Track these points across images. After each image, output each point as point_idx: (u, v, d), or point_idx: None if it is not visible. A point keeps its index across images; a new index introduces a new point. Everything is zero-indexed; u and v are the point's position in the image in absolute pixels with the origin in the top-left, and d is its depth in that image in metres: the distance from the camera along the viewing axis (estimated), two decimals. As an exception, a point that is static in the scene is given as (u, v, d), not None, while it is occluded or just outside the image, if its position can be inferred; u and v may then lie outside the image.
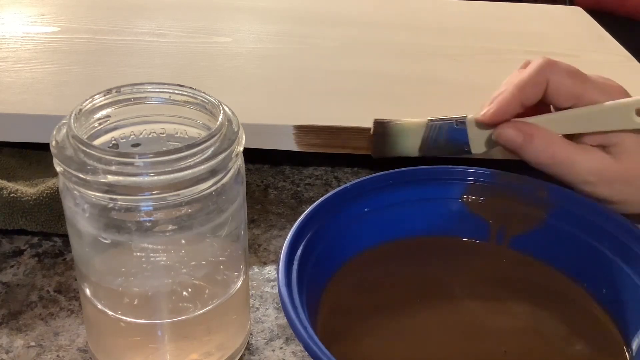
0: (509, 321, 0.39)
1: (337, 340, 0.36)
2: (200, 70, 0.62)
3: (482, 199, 0.44)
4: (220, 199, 0.33)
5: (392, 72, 0.64)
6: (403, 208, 0.43)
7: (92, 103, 0.33)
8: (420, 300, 0.39)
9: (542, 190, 0.43)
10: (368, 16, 0.79)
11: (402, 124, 0.48)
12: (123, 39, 0.68)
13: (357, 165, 0.57)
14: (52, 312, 0.41)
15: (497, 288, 0.41)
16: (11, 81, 0.57)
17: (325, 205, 0.40)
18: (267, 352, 0.39)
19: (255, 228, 0.49)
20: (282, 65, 0.65)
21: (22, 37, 0.66)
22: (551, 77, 0.43)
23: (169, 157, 0.30)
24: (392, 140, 0.48)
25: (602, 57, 0.71)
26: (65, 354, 0.38)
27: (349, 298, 0.39)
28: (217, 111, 0.33)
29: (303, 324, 0.31)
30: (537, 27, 0.79)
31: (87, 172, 0.30)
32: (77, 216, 0.32)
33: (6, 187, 0.46)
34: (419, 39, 0.73)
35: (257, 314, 0.42)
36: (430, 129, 0.47)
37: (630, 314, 0.37)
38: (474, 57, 0.69)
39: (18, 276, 0.44)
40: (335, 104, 0.57)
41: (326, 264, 0.39)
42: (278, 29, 0.73)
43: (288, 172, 0.57)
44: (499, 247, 0.43)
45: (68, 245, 0.37)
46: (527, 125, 0.44)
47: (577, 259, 0.41)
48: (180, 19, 0.74)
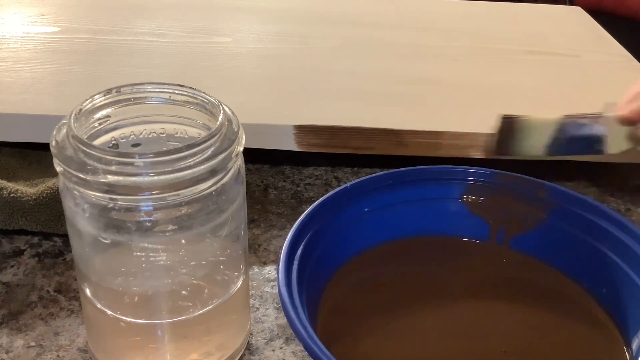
0: (509, 321, 0.39)
1: (337, 340, 0.36)
2: (200, 70, 0.62)
3: (482, 199, 0.44)
4: (220, 199, 0.33)
5: (392, 72, 0.64)
6: (403, 208, 0.43)
7: (92, 103, 0.33)
8: (420, 300, 0.39)
9: (542, 190, 0.43)
10: (368, 16, 0.79)
11: (531, 121, 0.45)
12: (123, 39, 0.68)
13: (357, 165, 0.57)
14: (52, 312, 0.41)
15: (497, 288, 0.41)
16: (11, 81, 0.57)
17: (325, 205, 0.40)
18: (267, 352, 0.39)
19: (255, 228, 0.49)
20: (282, 65, 0.65)
21: (22, 37, 0.66)
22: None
23: (169, 157, 0.30)
24: (519, 137, 0.45)
25: (602, 57, 0.71)
26: (65, 354, 0.38)
27: (349, 298, 0.39)
28: (217, 111, 0.33)
29: (303, 324, 0.31)
30: (537, 27, 0.78)
31: (87, 172, 0.30)
32: (77, 216, 0.32)
33: (6, 187, 0.46)
34: (419, 39, 0.73)
35: (257, 314, 0.42)
36: (561, 126, 0.44)
37: (630, 314, 0.37)
38: (474, 57, 0.69)
39: (18, 276, 0.44)
40: (335, 104, 0.57)
41: (326, 264, 0.39)
42: (278, 29, 0.73)
43: (288, 172, 0.57)
44: (499, 247, 0.43)
45: (68, 245, 0.37)
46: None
47: (577, 259, 0.41)
48: (180, 19, 0.74)
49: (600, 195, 0.55)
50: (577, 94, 0.61)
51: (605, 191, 0.55)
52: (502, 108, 0.58)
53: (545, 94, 0.62)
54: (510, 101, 0.59)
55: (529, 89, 0.62)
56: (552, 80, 0.65)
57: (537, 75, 0.66)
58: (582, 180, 0.56)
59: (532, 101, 0.60)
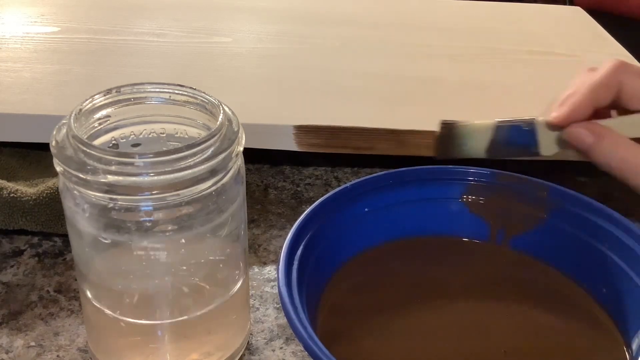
0: (509, 321, 0.39)
1: (337, 340, 0.36)
2: (200, 70, 0.62)
3: (482, 199, 0.44)
4: (220, 199, 0.33)
5: (392, 72, 0.64)
6: (403, 208, 0.43)
7: (92, 103, 0.33)
8: (420, 300, 0.39)
9: (542, 190, 0.43)
10: (368, 16, 0.79)
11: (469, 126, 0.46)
12: (123, 39, 0.68)
13: (357, 165, 0.57)
14: (52, 312, 0.41)
15: (497, 288, 0.41)
16: (11, 81, 0.57)
17: (325, 205, 0.40)
18: (267, 352, 0.39)
19: (255, 228, 0.49)
20: (282, 65, 0.65)
21: (22, 37, 0.66)
22: (624, 79, 0.43)
23: (169, 157, 0.30)
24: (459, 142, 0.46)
25: (602, 57, 0.70)
26: (65, 354, 0.38)
27: (349, 298, 0.39)
28: (217, 111, 0.33)
29: (303, 324, 0.31)
30: (537, 27, 0.78)
31: (87, 172, 0.30)
32: (77, 216, 0.32)
33: (6, 187, 0.46)
34: (419, 39, 0.73)
35: (257, 314, 0.42)
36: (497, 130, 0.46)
37: (630, 314, 0.37)
38: (474, 57, 0.69)
39: (18, 276, 0.44)
40: (335, 104, 0.57)
41: (326, 264, 0.39)
42: (278, 29, 0.73)
43: (288, 172, 0.57)
44: (499, 247, 0.43)
45: (68, 245, 0.37)
46: (597, 126, 0.43)
47: (577, 259, 0.41)
48: (180, 19, 0.74)
49: (601, 195, 0.55)
50: (577, 94, 0.61)
51: (606, 191, 0.55)
52: (502, 108, 0.58)
53: (545, 94, 0.62)
54: (510, 101, 0.59)
55: (529, 89, 0.62)
56: (552, 80, 0.64)
57: (537, 75, 0.66)
58: (582, 180, 0.56)
59: (532, 101, 0.59)
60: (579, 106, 0.43)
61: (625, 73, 0.43)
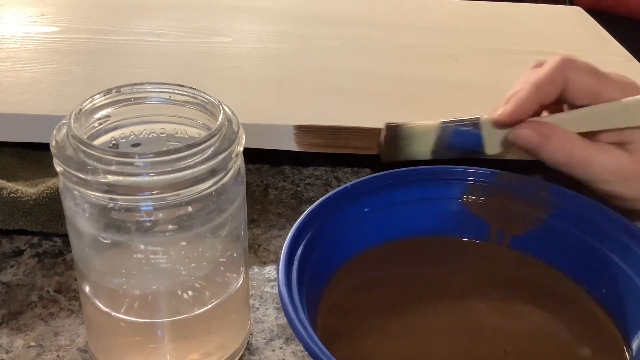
0: (509, 321, 0.39)
1: (337, 340, 0.36)
2: (200, 70, 0.62)
3: (482, 199, 0.44)
4: (220, 199, 0.33)
5: (392, 72, 0.64)
6: (403, 208, 0.43)
7: (92, 103, 0.33)
8: (420, 300, 0.39)
9: (542, 190, 0.43)
10: (368, 16, 0.79)
11: (414, 128, 0.47)
12: (123, 39, 0.68)
13: (357, 165, 0.57)
14: (52, 312, 0.41)
15: (497, 288, 0.41)
16: (11, 81, 0.57)
17: (325, 205, 0.40)
18: (267, 352, 0.39)
19: (255, 228, 0.49)
20: (282, 65, 0.65)
21: (22, 37, 0.66)
22: (569, 75, 0.43)
23: (169, 157, 0.30)
24: (404, 144, 0.47)
25: (602, 57, 0.70)
26: (65, 354, 0.38)
27: (349, 298, 0.39)
28: (217, 111, 0.33)
29: (303, 324, 0.31)
30: (537, 27, 0.79)
31: (87, 172, 0.30)
32: (77, 216, 0.32)
33: (6, 187, 0.46)
34: (420, 39, 0.73)
35: (257, 314, 0.42)
36: (442, 131, 0.46)
37: (630, 314, 0.37)
38: (475, 57, 0.69)
39: (18, 276, 0.44)
40: (335, 104, 0.57)
41: (326, 264, 0.39)
42: (278, 29, 0.73)
43: (288, 172, 0.57)
44: (499, 247, 0.43)
45: (68, 245, 0.37)
46: (543, 125, 0.43)
47: (577, 259, 0.41)
48: (180, 19, 0.74)
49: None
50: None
51: (605, 191, 0.55)
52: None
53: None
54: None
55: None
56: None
57: (537, 75, 0.65)
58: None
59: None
60: (523, 103, 0.43)
61: (570, 68, 0.43)
